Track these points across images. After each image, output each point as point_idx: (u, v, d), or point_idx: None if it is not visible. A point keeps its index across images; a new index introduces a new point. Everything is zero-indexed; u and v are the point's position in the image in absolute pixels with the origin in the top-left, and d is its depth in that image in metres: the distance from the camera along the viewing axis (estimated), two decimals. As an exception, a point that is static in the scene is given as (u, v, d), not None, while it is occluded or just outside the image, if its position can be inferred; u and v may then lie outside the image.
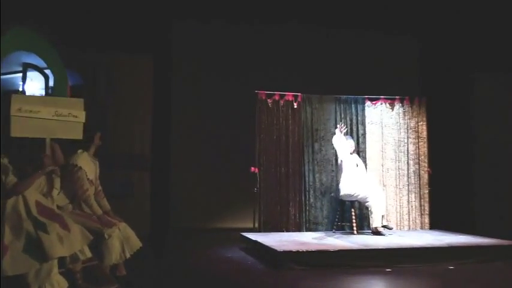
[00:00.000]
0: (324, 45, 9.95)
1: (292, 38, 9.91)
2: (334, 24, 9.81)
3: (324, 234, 7.85)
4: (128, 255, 4.89)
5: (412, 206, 8.54)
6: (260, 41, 9.79)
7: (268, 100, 8.30)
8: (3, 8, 6.08)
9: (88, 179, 4.94)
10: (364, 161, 8.41)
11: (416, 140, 8.66)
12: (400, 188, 8.55)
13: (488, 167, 9.64)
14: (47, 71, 7.34)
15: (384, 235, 7.53)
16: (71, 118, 3.94)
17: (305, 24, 9.78)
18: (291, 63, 9.71)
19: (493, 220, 9.11)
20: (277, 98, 8.35)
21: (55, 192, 4.38)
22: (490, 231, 7.68)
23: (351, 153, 7.99)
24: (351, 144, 8.00)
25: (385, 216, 7.92)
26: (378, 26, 9.87)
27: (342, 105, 8.65)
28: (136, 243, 4.99)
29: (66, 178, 4.79)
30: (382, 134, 8.62)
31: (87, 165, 4.98)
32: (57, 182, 4.42)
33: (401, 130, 8.65)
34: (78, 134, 4.10)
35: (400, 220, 8.49)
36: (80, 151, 4.94)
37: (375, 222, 7.67)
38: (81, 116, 4.05)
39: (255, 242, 7.05)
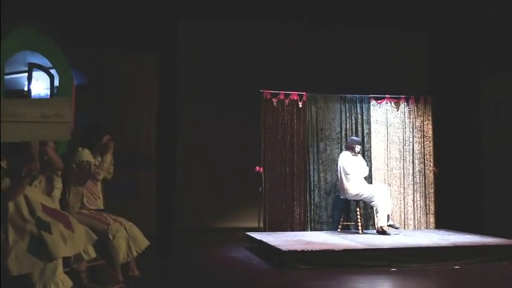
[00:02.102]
0: (329, 44, 9.93)
1: (296, 36, 9.89)
2: (339, 23, 9.80)
3: (329, 233, 7.85)
4: (135, 254, 4.91)
5: (417, 206, 8.52)
6: (265, 40, 9.78)
7: (273, 99, 8.29)
8: (6, 8, 6.08)
9: None
10: (369, 160, 8.41)
11: (422, 139, 8.65)
12: (405, 188, 8.53)
13: (494, 166, 9.60)
14: (52, 71, 7.36)
15: (389, 234, 7.51)
16: (56, 119, 3.67)
17: (309, 23, 9.77)
18: (296, 62, 9.69)
19: (499, 219, 9.07)
20: (282, 97, 8.34)
21: (56, 192, 4.39)
22: (496, 230, 7.65)
23: (356, 154, 7.99)
24: (357, 150, 8.01)
25: (391, 215, 7.90)
26: (384, 25, 9.85)
27: (347, 104, 8.65)
28: (144, 242, 5.01)
29: (79, 176, 4.85)
30: (387, 133, 8.60)
31: (92, 160, 5.02)
32: (58, 182, 4.43)
33: (407, 129, 8.64)
34: (65, 135, 3.84)
35: (405, 220, 8.48)
36: (80, 148, 4.95)
37: (380, 221, 7.66)
38: (67, 116, 3.76)
39: (260, 241, 7.05)
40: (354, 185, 7.78)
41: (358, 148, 8.02)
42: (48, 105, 3.68)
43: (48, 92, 7.40)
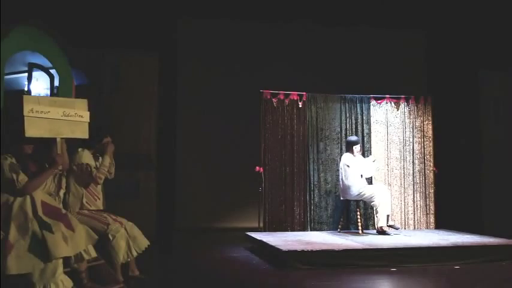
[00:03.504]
0: (329, 44, 9.94)
1: (296, 36, 9.91)
2: (340, 23, 9.80)
3: (328, 233, 7.84)
4: (135, 254, 4.92)
5: (417, 206, 8.52)
6: (265, 39, 9.79)
7: (273, 99, 8.30)
8: (6, 8, 6.09)
9: None
10: (369, 161, 8.41)
11: (422, 139, 8.65)
12: (405, 188, 8.53)
13: (494, 166, 9.59)
14: (52, 71, 7.36)
15: (389, 234, 7.51)
16: (77, 118, 4.14)
17: (310, 23, 9.77)
18: (296, 62, 9.70)
19: (499, 219, 9.06)
20: (282, 97, 8.34)
21: (61, 192, 4.40)
22: (496, 230, 7.64)
23: (356, 154, 7.97)
24: (357, 150, 7.98)
25: (391, 215, 7.89)
26: (384, 25, 9.85)
27: (347, 104, 8.65)
28: (144, 242, 5.02)
29: (80, 177, 4.86)
30: (387, 133, 8.60)
31: (92, 163, 5.03)
32: (64, 182, 4.45)
33: (407, 129, 8.64)
34: (84, 133, 4.26)
35: (405, 220, 8.48)
36: (80, 149, 4.97)
37: (380, 221, 7.65)
38: (86, 116, 4.21)
39: (260, 241, 7.05)
40: (355, 186, 7.77)
41: (356, 148, 7.97)
42: (68, 105, 4.06)
43: (48, 92, 7.40)
